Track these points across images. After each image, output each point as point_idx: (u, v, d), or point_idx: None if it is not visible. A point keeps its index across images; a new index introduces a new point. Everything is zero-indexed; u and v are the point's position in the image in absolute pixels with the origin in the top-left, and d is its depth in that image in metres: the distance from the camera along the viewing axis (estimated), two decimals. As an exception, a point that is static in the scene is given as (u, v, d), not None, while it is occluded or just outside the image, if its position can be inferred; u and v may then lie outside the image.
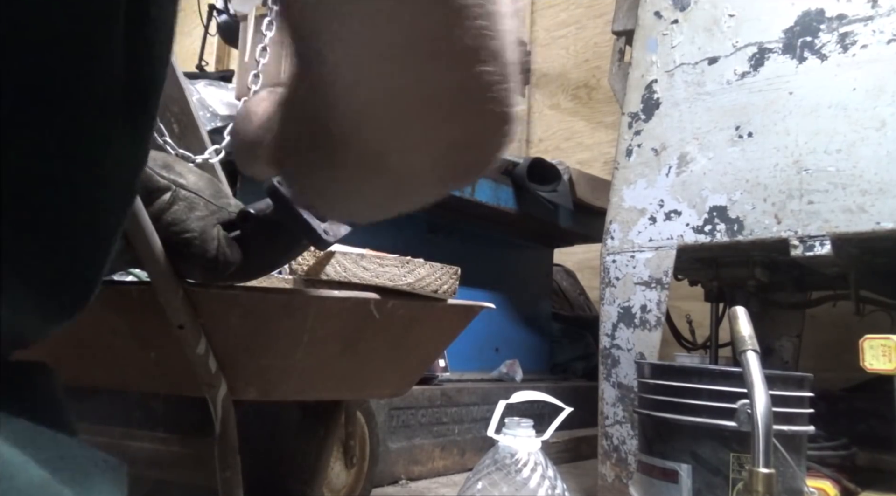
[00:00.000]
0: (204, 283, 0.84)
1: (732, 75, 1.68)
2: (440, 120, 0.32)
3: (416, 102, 0.32)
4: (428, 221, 2.34)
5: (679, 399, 1.21)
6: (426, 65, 0.30)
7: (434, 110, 0.32)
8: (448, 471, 2.04)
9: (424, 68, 0.31)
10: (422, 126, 0.32)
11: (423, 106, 0.32)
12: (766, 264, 1.82)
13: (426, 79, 0.31)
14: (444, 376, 2.09)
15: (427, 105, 0.32)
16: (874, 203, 1.47)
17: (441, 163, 0.34)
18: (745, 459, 1.11)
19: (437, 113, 0.32)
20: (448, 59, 0.30)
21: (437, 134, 0.33)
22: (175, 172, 0.80)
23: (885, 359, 1.27)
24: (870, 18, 1.53)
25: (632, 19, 1.90)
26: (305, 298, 0.90)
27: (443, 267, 1.03)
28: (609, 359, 1.75)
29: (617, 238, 1.78)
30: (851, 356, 1.31)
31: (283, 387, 0.95)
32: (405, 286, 1.00)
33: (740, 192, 1.63)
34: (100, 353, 0.97)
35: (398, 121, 0.32)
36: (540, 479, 0.96)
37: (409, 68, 0.30)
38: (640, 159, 1.78)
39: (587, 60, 3.72)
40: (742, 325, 1.10)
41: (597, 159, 3.54)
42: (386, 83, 0.31)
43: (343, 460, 1.37)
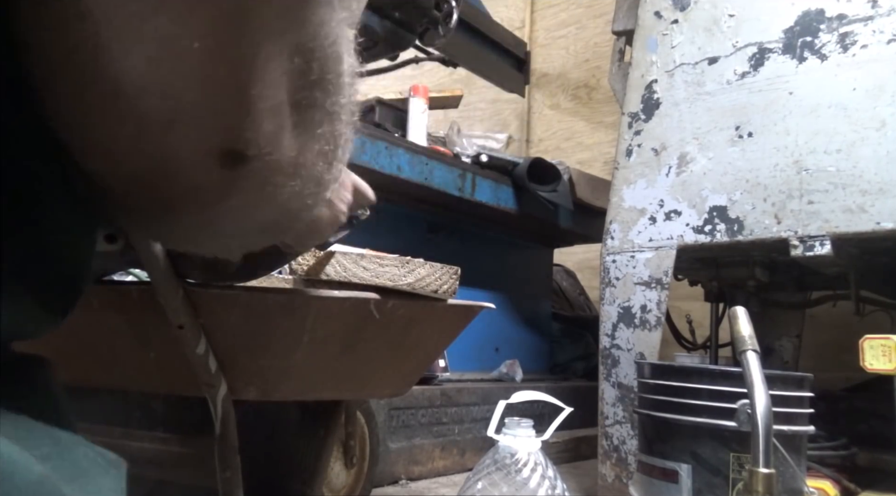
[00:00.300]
0: (204, 283, 0.84)
1: (732, 75, 1.68)
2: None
3: None
4: (428, 221, 2.34)
5: (679, 399, 1.21)
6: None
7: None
8: (448, 471, 2.04)
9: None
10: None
11: None
12: (766, 264, 1.82)
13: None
14: (444, 376, 2.09)
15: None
16: (874, 203, 1.47)
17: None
18: (745, 459, 1.11)
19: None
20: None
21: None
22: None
23: (885, 359, 1.27)
24: (870, 18, 1.53)
25: (632, 19, 1.90)
26: (305, 298, 0.90)
27: (443, 267, 1.03)
28: (609, 359, 1.75)
29: (617, 238, 1.78)
30: (851, 356, 1.31)
31: (283, 388, 0.95)
32: (405, 286, 1.00)
33: (740, 192, 1.63)
34: (100, 353, 0.97)
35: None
36: (540, 479, 0.96)
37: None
38: (640, 159, 1.78)
39: (587, 60, 3.72)
40: (742, 325, 1.10)
41: (597, 159, 3.54)
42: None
43: (343, 460, 1.37)
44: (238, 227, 0.36)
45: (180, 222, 0.33)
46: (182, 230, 0.35)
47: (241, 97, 0.28)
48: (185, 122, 0.28)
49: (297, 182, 0.33)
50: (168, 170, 0.30)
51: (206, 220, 0.33)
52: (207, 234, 0.36)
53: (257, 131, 0.29)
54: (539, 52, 3.83)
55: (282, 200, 0.33)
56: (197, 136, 0.29)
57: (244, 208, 0.33)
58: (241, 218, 0.34)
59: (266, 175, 0.31)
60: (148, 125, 0.28)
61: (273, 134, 0.30)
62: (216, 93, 0.28)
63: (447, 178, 2.12)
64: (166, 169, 0.29)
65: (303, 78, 0.31)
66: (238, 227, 0.36)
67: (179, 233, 0.36)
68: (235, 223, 0.35)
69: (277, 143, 0.31)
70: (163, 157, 0.29)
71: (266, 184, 0.31)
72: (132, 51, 0.26)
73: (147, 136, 0.28)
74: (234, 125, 0.29)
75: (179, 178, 0.30)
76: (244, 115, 0.29)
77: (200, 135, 0.29)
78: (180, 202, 0.31)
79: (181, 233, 0.36)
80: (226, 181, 0.30)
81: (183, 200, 0.31)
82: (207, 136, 0.29)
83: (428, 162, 2.04)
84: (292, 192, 0.33)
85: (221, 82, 0.28)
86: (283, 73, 0.30)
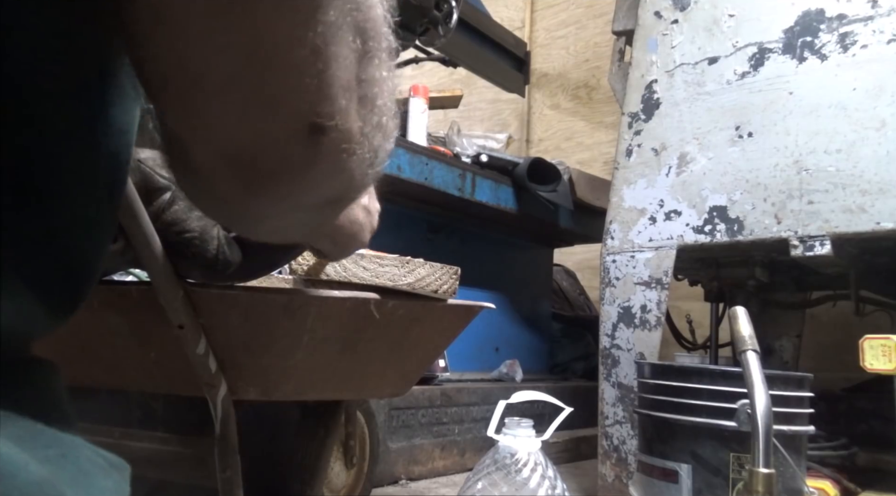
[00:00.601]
0: (204, 283, 0.84)
1: (732, 75, 1.68)
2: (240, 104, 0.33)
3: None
4: (428, 221, 2.34)
5: (679, 399, 1.21)
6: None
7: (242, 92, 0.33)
8: (448, 471, 2.04)
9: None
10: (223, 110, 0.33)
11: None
12: (766, 264, 1.82)
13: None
14: (444, 376, 2.09)
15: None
16: (874, 203, 1.47)
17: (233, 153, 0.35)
18: (745, 459, 1.11)
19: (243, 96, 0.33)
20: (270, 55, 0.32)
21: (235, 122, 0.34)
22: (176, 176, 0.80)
23: (885, 359, 1.27)
24: (870, 18, 1.53)
25: (632, 19, 1.90)
26: (305, 298, 0.90)
27: (443, 267, 1.03)
28: (609, 359, 1.75)
29: (617, 238, 1.78)
30: (851, 356, 1.31)
31: (284, 388, 0.95)
32: (405, 286, 1.00)
33: (740, 192, 1.63)
34: (100, 353, 0.97)
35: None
36: (540, 479, 0.96)
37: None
38: (640, 159, 1.78)
39: (587, 60, 3.72)
40: (742, 325, 1.10)
41: (597, 159, 3.55)
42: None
43: (343, 460, 1.37)
44: (313, 198, 0.41)
45: (267, 196, 0.38)
46: (265, 206, 0.40)
47: (322, 79, 0.33)
48: (279, 105, 0.33)
49: (362, 150, 0.37)
50: (265, 146, 0.35)
51: (290, 191, 0.38)
52: (286, 207, 0.40)
53: (334, 106, 0.34)
54: (539, 52, 3.83)
55: (351, 167, 0.38)
56: (288, 115, 0.34)
57: (322, 177, 0.38)
58: (318, 187, 0.39)
59: (340, 144, 0.36)
60: (248, 111, 0.33)
61: (345, 108, 0.35)
62: (303, 77, 0.33)
63: (447, 178, 2.12)
64: (264, 145, 0.35)
65: (363, 56, 0.35)
66: (313, 197, 0.40)
67: (262, 210, 0.40)
68: (313, 193, 0.39)
69: (348, 116, 0.35)
70: (261, 135, 0.34)
71: (340, 152, 0.36)
72: (230, 55, 0.31)
73: (248, 119, 0.33)
74: (317, 102, 0.34)
75: (274, 152, 0.35)
76: (324, 94, 0.34)
77: (291, 113, 0.34)
78: (273, 175, 0.36)
79: (264, 209, 0.40)
80: (310, 151, 0.35)
81: (275, 173, 0.36)
82: (296, 114, 0.34)
83: (428, 162, 2.04)
84: (359, 159, 0.38)
85: (307, 69, 0.32)
86: (350, 52, 0.34)
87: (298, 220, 0.45)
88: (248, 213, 0.41)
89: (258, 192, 0.37)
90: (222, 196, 0.38)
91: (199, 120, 0.34)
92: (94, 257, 0.39)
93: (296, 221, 0.46)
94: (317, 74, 0.33)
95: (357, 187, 0.42)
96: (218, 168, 0.36)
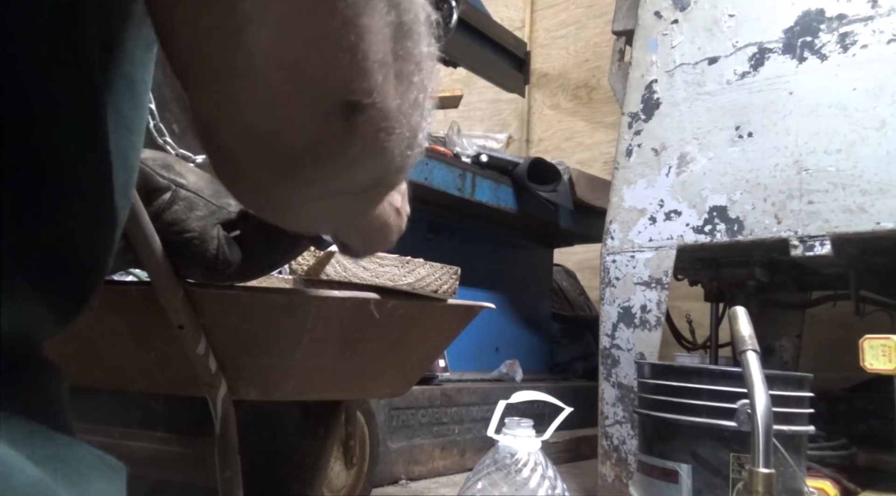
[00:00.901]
0: (204, 283, 0.84)
1: (732, 75, 1.68)
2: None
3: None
4: (428, 221, 2.34)
5: (679, 399, 1.21)
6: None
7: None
8: (448, 471, 2.04)
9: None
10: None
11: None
12: (766, 264, 1.82)
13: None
14: (444, 376, 2.09)
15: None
16: (874, 203, 1.47)
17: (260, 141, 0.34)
18: (745, 459, 1.11)
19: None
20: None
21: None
22: (175, 172, 0.80)
23: (885, 359, 1.27)
24: (870, 18, 1.53)
25: (632, 19, 1.90)
26: (305, 298, 0.90)
27: (443, 267, 1.03)
28: (609, 359, 1.75)
29: (617, 238, 1.78)
30: (851, 356, 1.31)
31: (284, 388, 0.95)
32: (405, 286, 1.00)
33: (740, 192, 1.63)
34: (100, 353, 0.97)
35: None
36: (540, 479, 0.96)
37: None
38: (640, 159, 1.78)
39: (587, 60, 3.72)
40: (742, 325, 1.10)
41: (597, 159, 3.55)
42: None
43: (343, 460, 1.37)
44: (350, 183, 0.38)
45: (301, 181, 0.36)
46: (300, 191, 0.38)
47: (355, 53, 0.31)
48: (310, 81, 0.32)
49: (401, 129, 0.36)
50: (297, 126, 0.33)
51: (325, 174, 0.36)
52: (322, 192, 0.38)
53: (370, 82, 0.32)
54: (539, 52, 3.83)
55: (389, 148, 0.36)
56: (321, 93, 0.32)
57: (359, 158, 0.36)
58: (356, 170, 0.37)
59: (377, 122, 0.34)
60: (279, 89, 0.32)
61: (382, 84, 0.33)
62: (335, 52, 0.31)
63: (447, 178, 2.12)
64: (296, 125, 0.33)
65: (398, 30, 0.33)
66: (351, 181, 0.38)
67: (297, 195, 0.38)
68: (350, 176, 0.37)
69: (385, 93, 0.34)
70: (292, 115, 0.33)
71: (378, 131, 0.34)
72: (262, 28, 0.30)
73: (278, 98, 0.32)
74: (351, 78, 0.32)
75: (307, 132, 0.33)
76: (359, 69, 0.32)
77: (324, 91, 0.32)
78: (307, 157, 0.34)
79: (299, 195, 0.38)
80: (346, 131, 0.33)
81: (309, 155, 0.34)
82: (330, 92, 0.32)
83: (428, 162, 2.04)
84: (398, 139, 0.36)
85: (339, 42, 0.31)
86: (384, 25, 0.32)
87: (335, 207, 0.43)
88: (283, 200, 0.39)
89: (291, 176, 0.36)
90: (254, 181, 0.37)
91: (226, 99, 0.33)
92: (102, 257, 0.38)
93: (332, 209, 0.43)
94: (350, 48, 0.31)
95: (396, 170, 0.39)
96: (248, 151, 0.35)
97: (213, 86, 0.33)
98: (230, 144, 0.35)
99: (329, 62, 0.31)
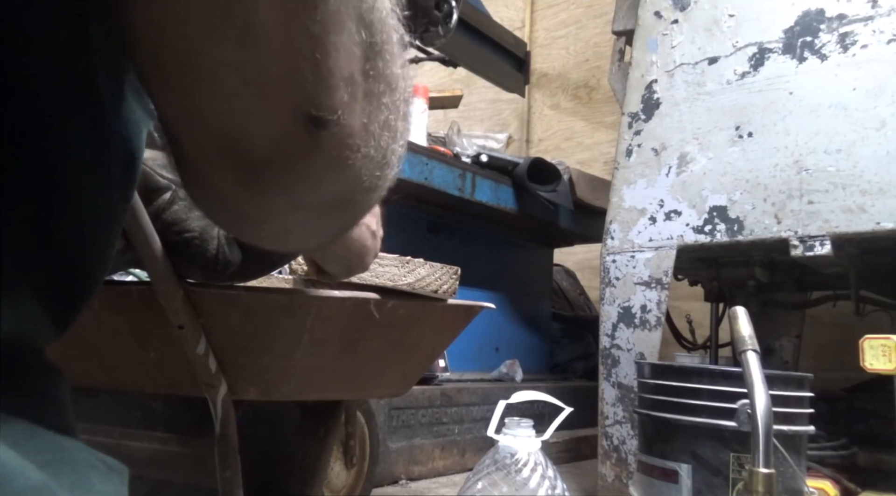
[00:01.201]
0: (204, 283, 0.84)
1: (732, 75, 1.68)
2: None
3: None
4: (428, 221, 2.34)
5: (679, 399, 1.21)
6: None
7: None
8: (448, 471, 2.04)
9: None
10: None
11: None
12: (766, 264, 1.82)
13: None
14: (444, 376, 2.09)
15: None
16: (874, 203, 1.47)
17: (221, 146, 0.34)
18: (745, 459, 1.11)
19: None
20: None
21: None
22: (175, 172, 0.80)
23: (885, 359, 1.27)
24: (870, 18, 1.53)
25: (632, 19, 1.90)
26: (305, 298, 0.90)
27: (443, 267, 1.03)
28: (609, 359, 1.75)
29: (617, 238, 1.78)
30: (851, 356, 1.31)
31: (283, 388, 0.95)
32: (405, 286, 1.00)
33: (740, 192, 1.63)
34: (100, 353, 0.97)
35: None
36: (540, 479, 0.96)
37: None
38: (640, 159, 1.78)
39: (587, 60, 3.72)
40: (742, 325, 1.10)
41: (597, 159, 3.55)
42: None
43: (343, 460, 1.37)
44: (315, 196, 0.38)
45: (262, 190, 0.36)
46: (262, 202, 0.38)
47: (320, 68, 0.32)
48: (273, 92, 0.32)
49: (367, 148, 0.36)
50: (259, 135, 0.33)
51: (286, 185, 0.36)
52: (285, 204, 0.38)
53: (334, 98, 0.33)
54: (539, 52, 3.83)
55: (355, 166, 0.36)
56: (283, 103, 0.33)
57: (322, 171, 0.36)
58: (319, 183, 0.37)
59: (342, 139, 0.34)
60: (240, 98, 0.32)
61: (348, 102, 0.34)
62: (300, 66, 0.32)
63: (447, 178, 2.12)
64: (257, 134, 0.33)
65: (370, 49, 0.34)
66: (315, 195, 0.38)
67: (259, 206, 0.38)
68: (314, 189, 0.37)
69: (351, 111, 0.34)
70: (254, 123, 0.33)
71: (343, 147, 0.35)
72: (222, 38, 0.30)
73: (240, 106, 0.32)
74: (316, 93, 0.32)
75: (268, 142, 0.34)
76: (324, 85, 0.32)
77: (286, 103, 0.33)
78: (267, 166, 0.35)
79: (261, 205, 0.38)
80: (308, 143, 0.34)
81: (270, 164, 0.35)
82: (292, 104, 0.33)
83: (428, 162, 2.04)
84: (364, 158, 0.36)
85: (304, 56, 0.31)
86: (353, 44, 0.33)
87: (302, 223, 0.43)
88: (247, 211, 0.39)
89: (252, 183, 0.35)
90: (217, 189, 0.37)
91: (190, 105, 0.33)
92: (102, 257, 0.38)
93: (299, 225, 0.43)
94: (315, 64, 0.32)
95: (364, 190, 0.40)
96: (210, 157, 0.35)
97: (174, 87, 0.33)
98: (192, 149, 0.35)
99: (294, 75, 0.32)
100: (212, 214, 0.45)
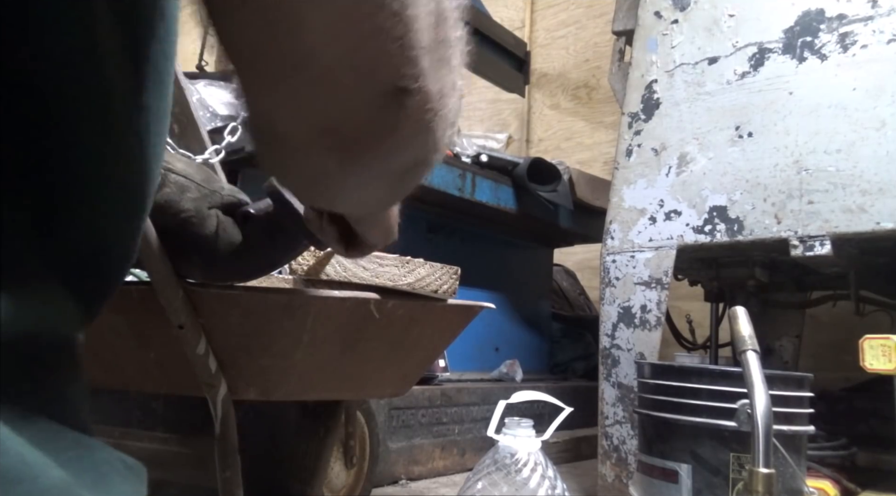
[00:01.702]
0: (204, 283, 0.84)
1: (732, 75, 1.68)
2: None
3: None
4: (428, 221, 2.34)
5: (679, 399, 1.21)
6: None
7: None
8: (448, 471, 2.04)
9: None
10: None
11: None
12: (766, 264, 1.82)
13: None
14: (444, 376, 2.09)
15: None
16: (874, 203, 1.47)
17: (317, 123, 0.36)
18: (745, 459, 1.11)
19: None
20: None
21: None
22: (163, 160, 0.79)
23: (885, 359, 1.27)
24: (870, 18, 1.53)
25: (632, 19, 1.90)
26: (305, 298, 0.90)
27: (443, 267, 1.03)
28: (609, 359, 1.75)
29: (617, 238, 1.78)
30: (851, 356, 1.31)
31: (284, 388, 0.95)
32: (405, 286, 1.00)
33: (740, 192, 1.63)
34: (100, 353, 0.97)
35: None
36: (540, 479, 0.96)
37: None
38: (640, 159, 1.78)
39: (587, 60, 3.72)
40: (742, 325, 1.10)
41: (597, 159, 3.54)
42: None
43: (343, 460, 1.37)
44: (399, 162, 0.41)
45: (359, 164, 0.39)
46: (357, 174, 0.40)
47: (403, 42, 0.34)
48: (368, 73, 0.34)
49: (443, 110, 0.38)
50: (356, 114, 0.36)
51: (379, 156, 0.38)
52: (374, 173, 0.41)
53: (416, 68, 0.35)
54: (539, 52, 3.83)
55: (434, 128, 0.38)
56: (376, 81, 0.35)
57: (409, 138, 0.38)
58: (405, 149, 0.39)
59: (423, 105, 0.37)
60: (335, 78, 0.34)
61: (427, 69, 0.36)
62: (386, 43, 0.33)
63: (447, 178, 2.12)
64: (355, 114, 0.36)
65: (438, 17, 0.36)
66: (400, 161, 0.41)
67: (354, 178, 0.41)
68: (400, 156, 0.40)
69: (429, 77, 0.36)
70: (352, 104, 0.35)
71: (424, 112, 0.37)
72: (319, 22, 0.32)
73: (339, 91, 0.35)
74: (401, 66, 0.34)
75: (365, 119, 0.36)
76: (407, 57, 0.34)
77: (379, 80, 0.35)
78: (365, 141, 0.37)
79: (356, 178, 0.41)
80: (397, 113, 0.36)
81: (367, 139, 0.37)
82: (381, 78, 0.35)
83: (428, 162, 2.04)
84: (440, 119, 0.38)
85: (389, 33, 0.33)
86: (427, 14, 0.35)
87: (382, 188, 0.45)
88: (341, 184, 0.41)
89: (352, 161, 0.38)
90: (317, 169, 0.39)
91: (289, 94, 0.35)
92: (130, 247, 0.39)
93: (380, 190, 0.46)
94: (398, 38, 0.33)
95: (439, 148, 0.42)
96: (312, 141, 0.37)
97: (274, 82, 0.35)
98: (293, 135, 0.37)
99: (381, 53, 0.34)
100: (300, 188, 0.48)
